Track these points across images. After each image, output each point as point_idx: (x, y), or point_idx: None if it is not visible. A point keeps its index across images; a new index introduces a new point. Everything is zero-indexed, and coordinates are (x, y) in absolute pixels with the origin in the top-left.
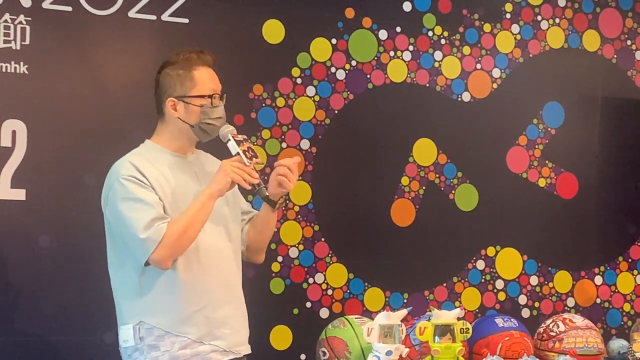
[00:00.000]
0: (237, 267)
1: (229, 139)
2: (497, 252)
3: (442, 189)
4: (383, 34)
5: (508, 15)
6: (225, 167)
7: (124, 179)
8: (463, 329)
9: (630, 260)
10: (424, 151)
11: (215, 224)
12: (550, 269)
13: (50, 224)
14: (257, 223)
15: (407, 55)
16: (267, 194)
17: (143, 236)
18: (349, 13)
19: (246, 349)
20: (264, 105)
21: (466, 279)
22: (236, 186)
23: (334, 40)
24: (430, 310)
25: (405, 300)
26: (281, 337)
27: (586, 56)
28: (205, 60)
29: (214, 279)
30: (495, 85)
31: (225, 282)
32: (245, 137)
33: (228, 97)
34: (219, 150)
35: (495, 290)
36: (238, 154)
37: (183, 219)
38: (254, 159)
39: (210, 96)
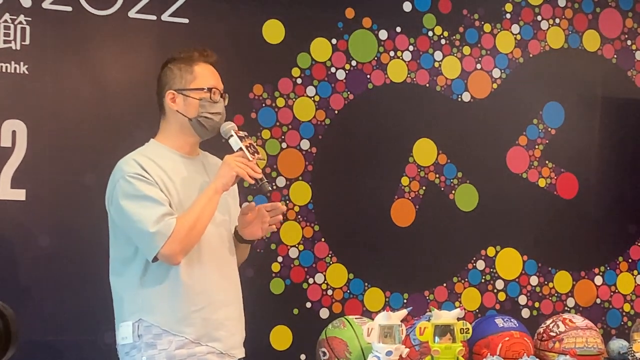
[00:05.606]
0: (236, 268)
1: (231, 135)
2: (497, 252)
3: (442, 189)
4: (383, 34)
5: (508, 15)
6: (230, 162)
7: (129, 177)
8: (463, 329)
9: (630, 260)
10: (424, 151)
11: (216, 225)
12: (550, 269)
13: (50, 224)
14: None
15: (407, 55)
16: (270, 188)
17: (153, 230)
18: (349, 13)
19: (241, 352)
20: (264, 105)
21: (466, 279)
22: (235, 188)
23: (334, 40)
24: (430, 311)
25: (405, 300)
26: (281, 337)
27: (586, 56)
28: (208, 58)
29: (215, 280)
30: (495, 85)
31: (226, 284)
32: (246, 133)
33: (228, 97)
34: (224, 152)
35: (495, 291)
36: (241, 149)
37: (191, 213)
38: (255, 154)
39: (209, 89)
